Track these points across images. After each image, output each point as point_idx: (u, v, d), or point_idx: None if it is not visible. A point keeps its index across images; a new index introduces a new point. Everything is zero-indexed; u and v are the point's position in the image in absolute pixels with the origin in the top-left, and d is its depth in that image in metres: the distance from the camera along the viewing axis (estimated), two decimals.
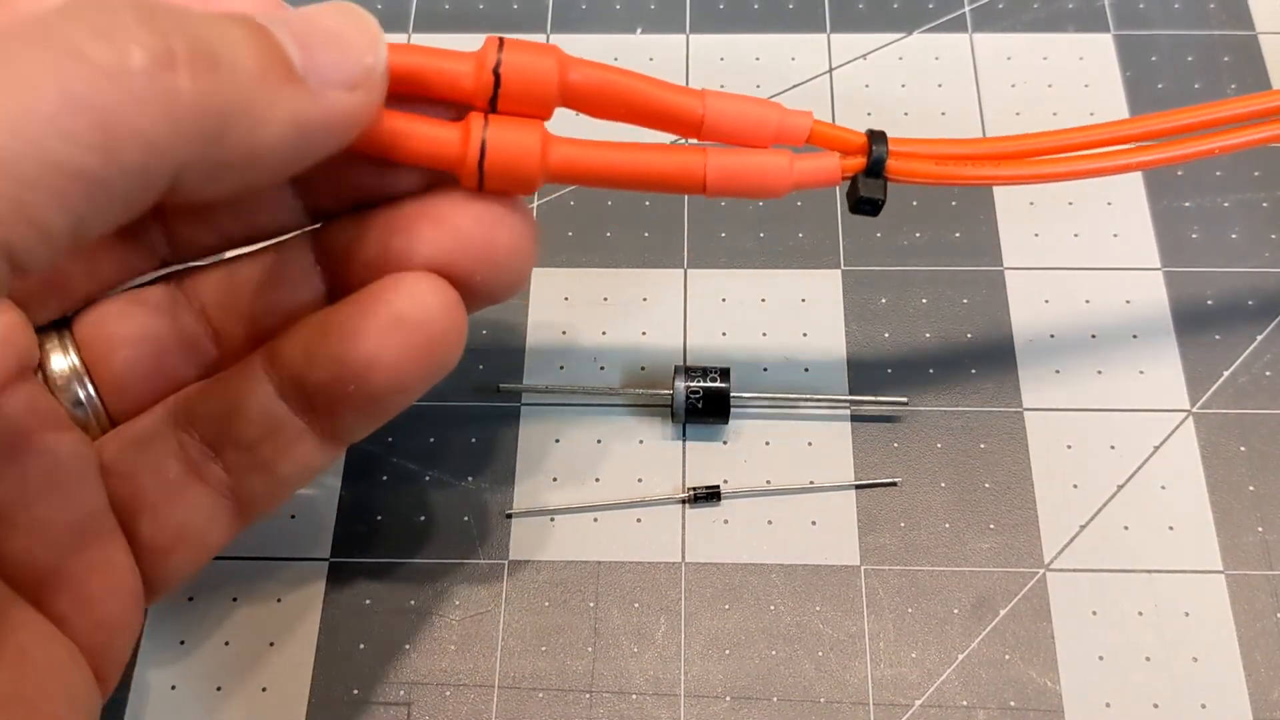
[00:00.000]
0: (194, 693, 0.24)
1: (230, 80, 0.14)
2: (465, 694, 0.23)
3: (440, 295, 0.18)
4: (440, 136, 0.19)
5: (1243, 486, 0.25)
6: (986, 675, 0.23)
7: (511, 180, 0.19)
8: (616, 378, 0.27)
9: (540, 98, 0.19)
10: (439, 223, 0.18)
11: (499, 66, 0.19)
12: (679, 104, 0.20)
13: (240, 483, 0.20)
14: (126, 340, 0.20)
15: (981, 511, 0.25)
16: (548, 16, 0.32)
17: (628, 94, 0.20)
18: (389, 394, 0.18)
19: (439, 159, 0.19)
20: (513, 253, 0.19)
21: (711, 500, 0.25)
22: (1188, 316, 0.27)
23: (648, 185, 0.21)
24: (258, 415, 0.19)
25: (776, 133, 0.21)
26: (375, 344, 0.18)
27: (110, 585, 0.18)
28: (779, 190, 0.21)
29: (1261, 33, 0.31)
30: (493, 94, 0.19)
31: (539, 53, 0.19)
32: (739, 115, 0.21)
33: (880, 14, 0.32)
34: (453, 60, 0.19)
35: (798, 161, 0.21)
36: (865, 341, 0.27)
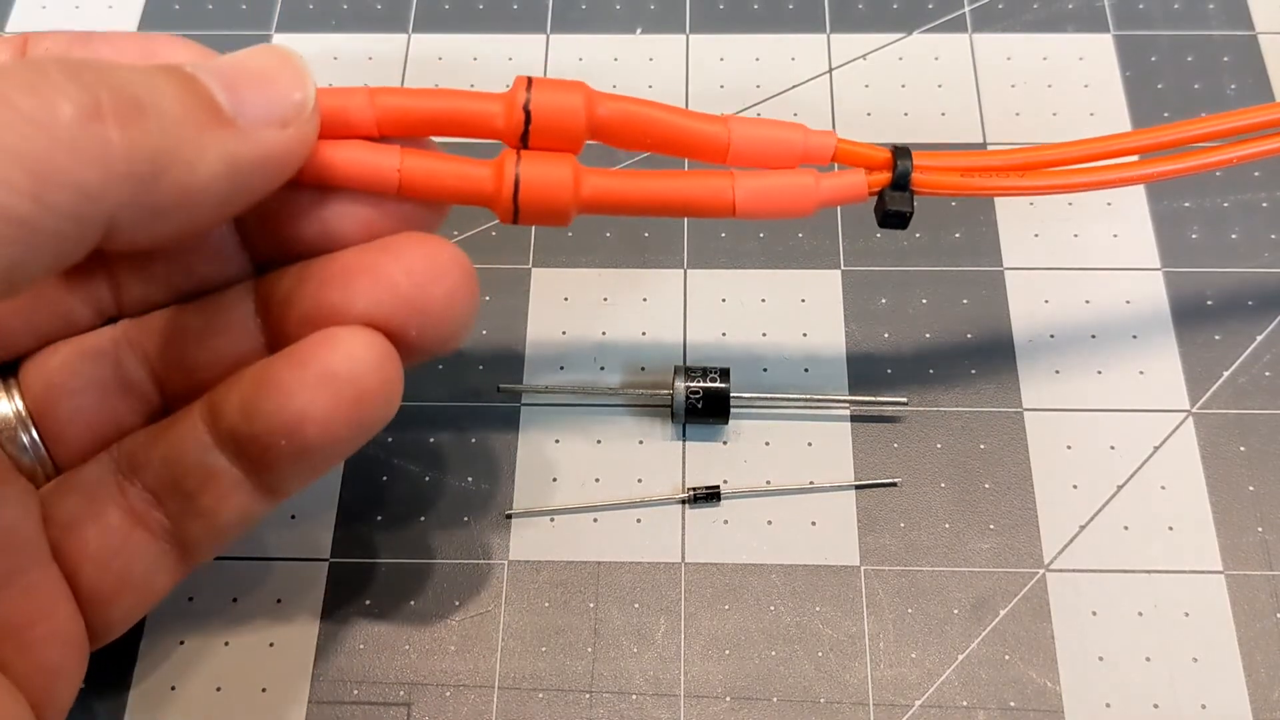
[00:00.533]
0: (194, 693, 0.24)
1: (158, 126, 0.15)
2: (465, 694, 0.23)
3: (372, 350, 0.18)
4: (473, 174, 0.20)
5: (1243, 486, 0.25)
6: (986, 675, 0.23)
7: (545, 213, 0.20)
8: (616, 378, 0.27)
9: (570, 133, 0.20)
10: (373, 276, 0.18)
11: (529, 104, 0.20)
12: (704, 132, 0.21)
13: (181, 529, 0.20)
14: (71, 390, 0.20)
15: (981, 512, 0.25)
16: (547, 16, 0.32)
17: (653, 125, 0.21)
18: (319, 449, 0.18)
19: (473, 195, 0.20)
20: (448, 306, 0.19)
21: (711, 500, 0.25)
22: (1188, 316, 0.27)
23: (678, 212, 0.21)
24: (196, 466, 0.19)
25: (802, 154, 0.21)
26: (306, 400, 0.18)
27: (51, 632, 0.19)
28: (807, 209, 0.21)
29: (1261, 33, 0.31)
30: (524, 131, 0.20)
31: (567, 90, 0.20)
32: (764, 139, 0.21)
33: (880, 14, 0.32)
34: (484, 101, 0.20)
35: (824, 180, 0.21)
36: (865, 342, 0.27)
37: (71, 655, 0.19)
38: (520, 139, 0.20)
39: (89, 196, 0.14)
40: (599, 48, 0.32)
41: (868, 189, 0.22)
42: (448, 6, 0.33)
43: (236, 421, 0.18)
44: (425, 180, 0.19)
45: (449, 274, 0.19)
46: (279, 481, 0.19)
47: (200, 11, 0.33)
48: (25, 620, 0.18)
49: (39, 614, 0.18)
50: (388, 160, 0.19)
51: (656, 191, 0.21)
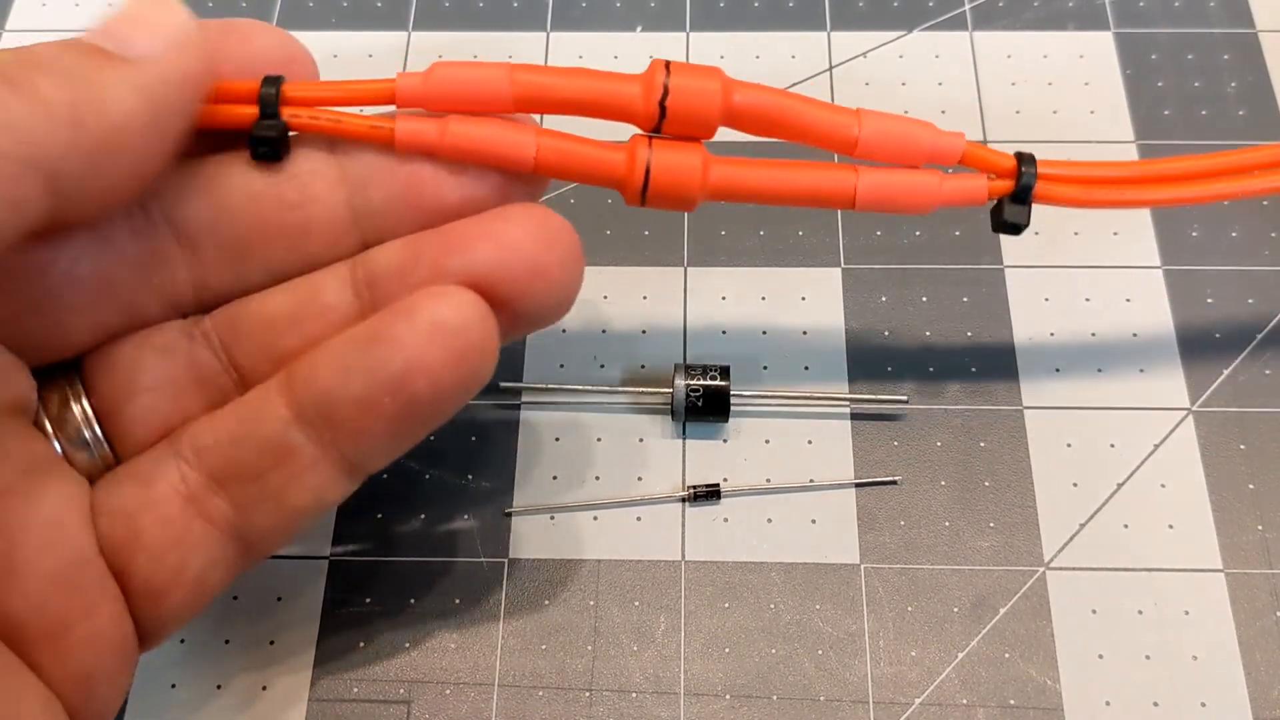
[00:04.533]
0: (194, 692, 0.24)
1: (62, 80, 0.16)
2: (465, 693, 0.23)
3: (477, 305, 0.18)
4: (606, 158, 0.20)
5: (1242, 485, 0.25)
6: (986, 674, 0.23)
7: (673, 199, 0.21)
8: (616, 377, 0.27)
9: (703, 121, 0.20)
10: (496, 241, 0.19)
11: (666, 98, 0.20)
12: (836, 124, 0.21)
13: (246, 518, 0.19)
14: (141, 388, 0.19)
15: (981, 510, 0.25)
16: (547, 14, 0.32)
17: (787, 116, 0.21)
18: (428, 404, 0.18)
19: (603, 177, 0.20)
20: (564, 270, 0.19)
21: (711, 499, 0.25)
22: (1188, 316, 0.27)
23: (799, 201, 0.22)
24: (269, 443, 0.18)
25: (929, 153, 0.21)
26: (415, 351, 0.17)
27: (91, 635, 0.18)
28: (927, 208, 0.22)
29: (1261, 31, 0.31)
30: (659, 119, 0.20)
31: (704, 77, 0.20)
32: (893, 135, 0.21)
33: (880, 12, 0.32)
34: (622, 84, 0.20)
35: (947, 181, 0.21)
36: (865, 340, 0.27)
37: (115, 659, 0.18)
38: (655, 126, 0.20)
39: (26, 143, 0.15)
40: (599, 46, 0.32)
41: (988, 194, 0.22)
42: (448, 4, 0.33)
43: (332, 385, 0.18)
44: (559, 160, 0.20)
45: (562, 239, 0.19)
46: (365, 453, 0.19)
47: (200, 10, 0.33)
48: (64, 621, 0.17)
49: (80, 614, 0.18)
50: (524, 139, 0.20)
51: (781, 181, 0.21)
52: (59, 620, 0.17)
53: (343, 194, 0.20)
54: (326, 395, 0.18)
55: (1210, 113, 0.30)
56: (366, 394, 0.18)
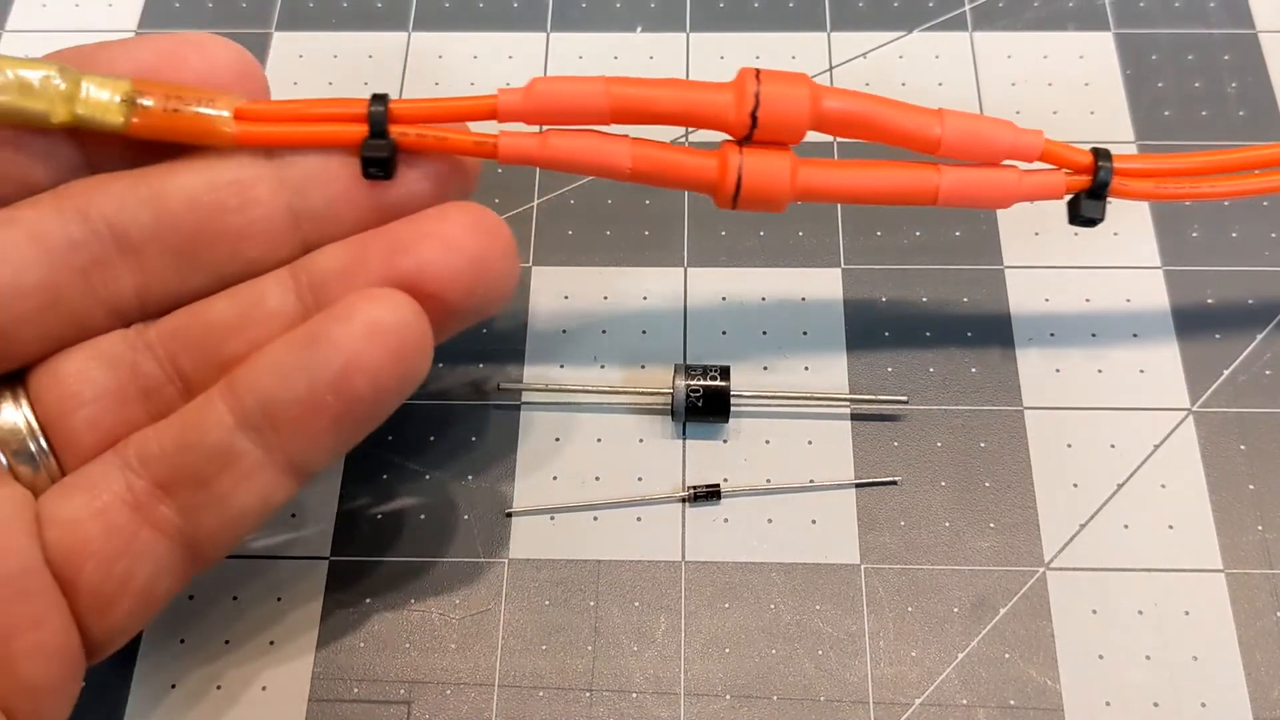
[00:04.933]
0: (194, 692, 0.24)
1: None
2: (465, 693, 0.23)
3: (410, 305, 0.19)
4: (699, 165, 0.21)
5: (1243, 486, 0.25)
6: (986, 674, 0.23)
7: (762, 203, 0.22)
8: (616, 376, 0.27)
9: (793, 128, 0.21)
10: (440, 240, 0.19)
11: (757, 108, 0.21)
12: (919, 125, 0.22)
13: (193, 523, 0.19)
14: (85, 399, 0.20)
15: (981, 510, 0.25)
16: (548, 15, 0.32)
17: (873, 119, 0.22)
18: (369, 402, 0.18)
19: (696, 183, 0.22)
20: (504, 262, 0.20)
21: (711, 499, 0.25)
22: (1188, 316, 0.27)
23: (882, 200, 0.23)
24: (214, 449, 0.19)
25: (1009, 151, 0.22)
26: (354, 351, 0.18)
27: (37, 646, 0.18)
28: (1006, 203, 0.23)
29: (1262, 31, 0.31)
30: (750, 130, 0.21)
31: (794, 86, 0.21)
32: (974, 135, 0.22)
33: (880, 12, 0.32)
34: (714, 94, 0.21)
35: (1026, 177, 0.22)
36: (865, 340, 0.27)
37: (62, 670, 0.18)
38: (746, 134, 0.21)
39: None
40: (599, 46, 0.32)
41: (1065, 189, 0.23)
42: (448, 5, 0.33)
43: (274, 387, 0.18)
44: (653, 169, 0.21)
45: (500, 236, 0.20)
46: (310, 453, 0.19)
47: (200, 9, 0.33)
48: (10, 633, 0.17)
49: (27, 625, 0.18)
50: (620, 149, 0.21)
51: (865, 182, 0.22)
52: (4, 632, 0.17)
53: (284, 198, 0.20)
54: (269, 397, 0.18)
55: (1210, 113, 0.30)
56: (309, 395, 0.18)
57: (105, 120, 0.19)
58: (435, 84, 0.31)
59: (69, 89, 0.19)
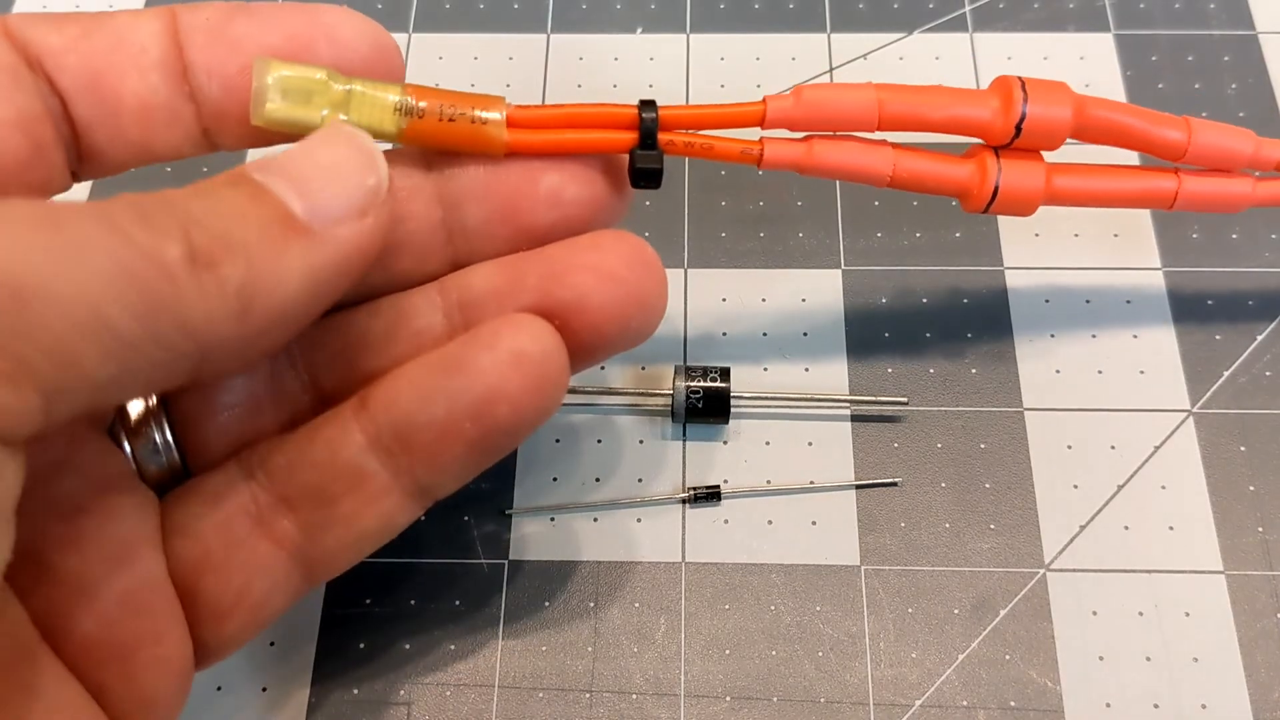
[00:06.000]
0: (194, 693, 0.23)
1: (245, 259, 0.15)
2: (465, 694, 0.23)
3: (553, 335, 0.18)
4: (956, 173, 0.22)
5: (1243, 486, 0.25)
6: (987, 675, 0.23)
7: (1014, 208, 0.22)
8: (617, 378, 0.27)
9: (1054, 139, 0.22)
10: (596, 271, 0.19)
11: (1023, 120, 0.21)
12: (1168, 136, 0.23)
13: (313, 541, 0.19)
14: (222, 406, 0.19)
15: (982, 511, 0.25)
16: (548, 16, 0.32)
17: (1128, 129, 0.22)
18: (506, 431, 0.18)
19: (951, 189, 0.22)
20: (659, 297, 0.19)
21: (711, 500, 0.25)
22: (1188, 317, 0.27)
23: (1122, 204, 0.24)
24: (344, 468, 0.18)
25: (1250, 161, 0.23)
26: (497, 379, 0.17)
27: (158, 659, 0.18)
28: (1237, 209, 0.24)
29: (1262, 32, 0.31)
30: (1011, 139, 0.22)
31: (1059, 100, 0.21)
32: (1219, 147, 0.23)
33: (881, 14, 0.32)
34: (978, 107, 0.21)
35: (1259, 185, 0.23)
36: (865, 341, 0.27)
37: (175, 683, 0.18)
38: (1007, 143, 0.22)
39: (188, 332, 0.14)
40: (599, 47, 0.32)
41: None
42: (448, 6, 0.33)
43: (411, 410, 0.18)
44: (912, 176, 0.22)
45: (655, 269, 0.19)
46: (437, 479, 0.19)
47: None
48: (132, 644, 0.17)
49: (147, 638, 0.17)
50: (883, 158, 0.21)
51: (1110, 189, 0.23)
52: (128, 643, 0.17)
53: (439, 213, 0.19)
54: (407, 420, 0.18)
55: (1211, 114, 0.30)
56: (446, 420, 0.18)
57: (380, 129, 0.18)
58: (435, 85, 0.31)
59: (340, 95, 0.18)
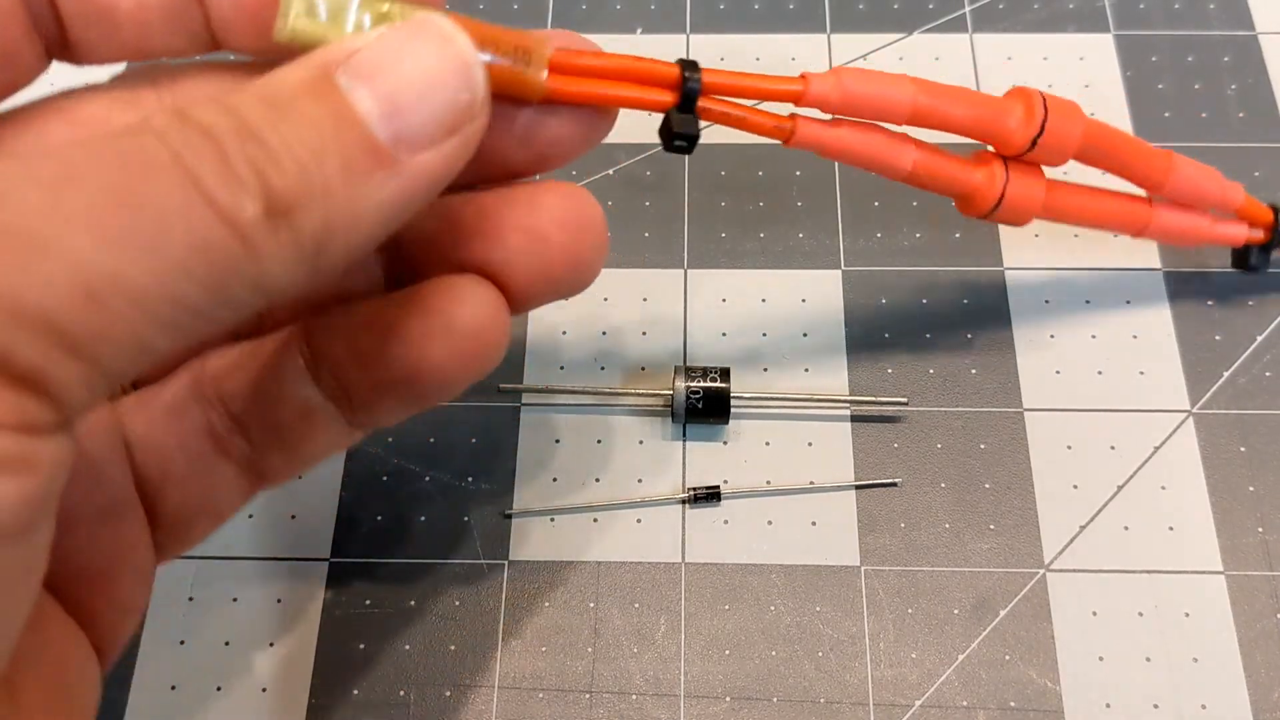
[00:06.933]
0: (194, 693, 0.24)
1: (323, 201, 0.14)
2: (465, 694, 0.23)
3: (492, 303, 0.18)
4: (968, 176, 0.22)
5: (1243, 486, 0.25)
6: (987, 675, 0.23)
7: (1012, 218, 0.23)
8: (616, 378, 0.27)
9: (1062, 155, 0.23)
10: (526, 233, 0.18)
11: (1040, 135, 0.22)
12: (1152, 169, 0.24)
13: (262, 458, 0.19)
14: None
15: (981, 511, 0.25)
16: (548, 16, 0.32)
17: (1121, 157, 0.24)
18: (444, 393, 0.18)
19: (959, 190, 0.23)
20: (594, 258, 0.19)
21: (711, 500, 0.25)
22: (1188, 316, 0.27)
23: (1100, 224, 0.25)
24: (291, 399, 0.19)
25: (1217, 200, 0.25)
26: (429, 351, 0.17)
27: (129, 567, 0.18)
28: (1194, 244, 0.26)
29: (1261, 33, 0.31)
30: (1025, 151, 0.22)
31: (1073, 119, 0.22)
32: (1194, 183, 0.24)
33: (880, 14, 0.32)
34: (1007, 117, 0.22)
35: (1216, 225, 0.25)
36: (865, 341, 0.27)
37: (142, 590, 0.18)
38: (1018, 155, 0.23)
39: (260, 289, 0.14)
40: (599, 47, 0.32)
41: (1245, 240, 0.26)
42: (448, 6, 0.32)
43: (346, 364, 0.18)
44: (928, 173, 0.22)
45: (593, 227, 0.18)
46: (375, 419, 0.19)
47: None
48: (109, 561, 0.18)
49: (124, 552, 0.18)
50: (905, 153, 0.22)
51: (1096, 208, 0.24)
52: (107, 560, 0.18)
53: None
54: (343, 372, 0.18)
55: (1210, 114, 0.30)
56: (381, 380, 0.18)
57: None
58: None
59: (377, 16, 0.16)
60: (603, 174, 0.30)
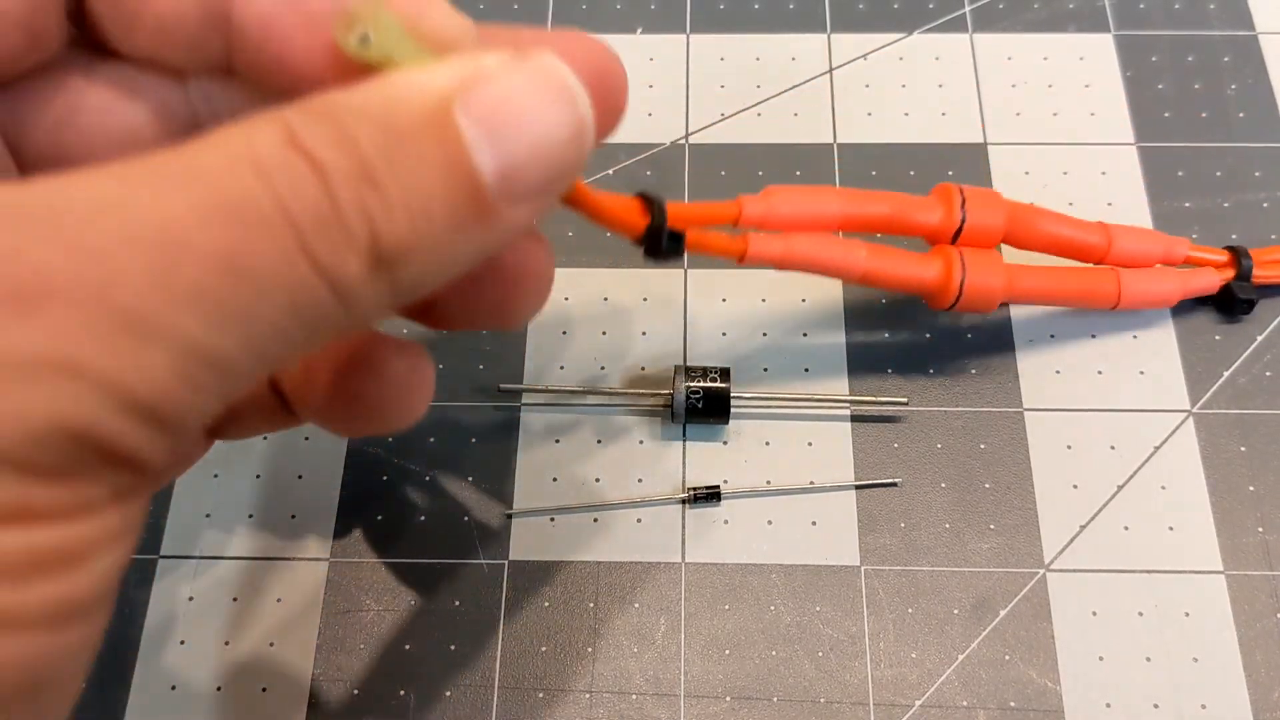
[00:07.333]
0: (194, 693, 0.24)
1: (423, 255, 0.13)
2: (465, 694, 0.23)
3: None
4: (923, 274, 0.24)
5: (1243, 486, 0.25)
6: (987, 675, 0.23)
7: (978, 304, 0.25)
8: (616, 378, 0.27)
9: (988, 241, 0.25)
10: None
11: (961, 226, 0.24)
12: (1090, 242, 0.26)
13: None
14: None
15: (981, 511, 0.25)
16: (548, 16, 0.32)
17: (1052, 236, 0.25)
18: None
19: (918, 288, 0.24)
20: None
21: (711, 500, 0.25)
22: (1188, 316, 0.27)
23: (1072, 304, 0.26)
24: None
25: (1163, 258, 0.26)
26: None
27: None
28: (1172, 303, 0.27)
29: (1261, 33, 0.31)
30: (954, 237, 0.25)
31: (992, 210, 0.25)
32: (1135, 249, 0.26)
33: (881, 14, 0.32)
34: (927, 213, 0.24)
35: (1190, 279, 0.26)
36: (865, 341, 0.27)
37: None
38: (950, 240, 0.25)
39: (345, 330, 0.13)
40: None
41: (1221, 282, 0.27)
42: None
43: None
44: (883, 273, 0.24)
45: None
46: None
47: None
48: None
49: None
50: (856, 256, 0.24)
51: (1064, 287, 0.26)
52: None
53: None
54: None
55: (1210, 115, 0.30)
56: None
57: None
58: None
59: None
60: (602, 174, 0.30)
